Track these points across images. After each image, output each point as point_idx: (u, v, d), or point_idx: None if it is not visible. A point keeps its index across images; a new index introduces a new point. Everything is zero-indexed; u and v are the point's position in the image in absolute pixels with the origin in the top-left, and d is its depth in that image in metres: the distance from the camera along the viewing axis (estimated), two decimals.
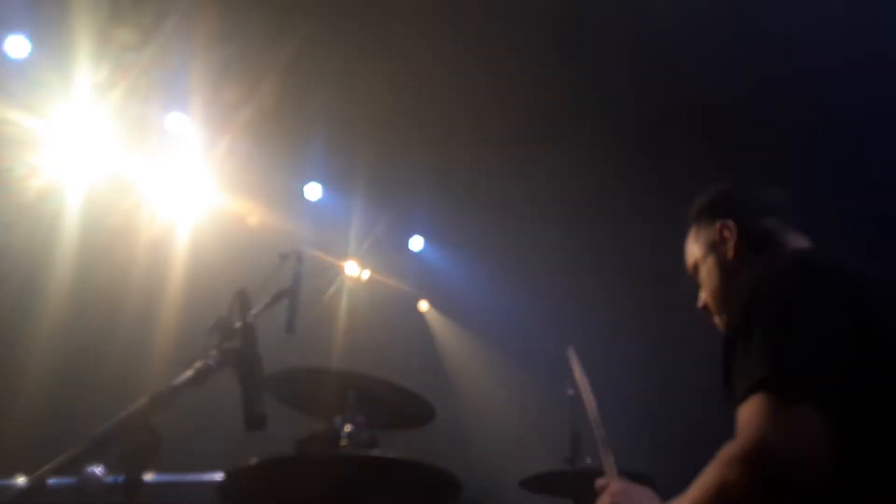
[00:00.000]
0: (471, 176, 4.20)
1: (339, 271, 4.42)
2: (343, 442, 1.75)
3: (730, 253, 1.38)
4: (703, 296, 1.46)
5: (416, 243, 4.73)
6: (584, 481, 2.34)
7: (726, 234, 1.39)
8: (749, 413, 1.00)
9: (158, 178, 3.58)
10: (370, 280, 4.54)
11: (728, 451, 1.00)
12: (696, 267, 1.47)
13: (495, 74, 3.62)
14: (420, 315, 4.93)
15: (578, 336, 4.54)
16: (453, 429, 3.75)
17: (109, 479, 1.93)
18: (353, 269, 4.46)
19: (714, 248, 1.41)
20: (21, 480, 2.04)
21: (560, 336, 4.28)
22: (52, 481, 0.98)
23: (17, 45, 2.99)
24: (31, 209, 3.18)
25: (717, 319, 1.44)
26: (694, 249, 1.48)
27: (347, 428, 1.75)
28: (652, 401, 4.13)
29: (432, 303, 4.95)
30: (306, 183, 4.16)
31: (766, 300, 1.09)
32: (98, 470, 1.94)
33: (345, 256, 4.43)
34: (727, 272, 1.38)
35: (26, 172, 3.15)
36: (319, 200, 4.21)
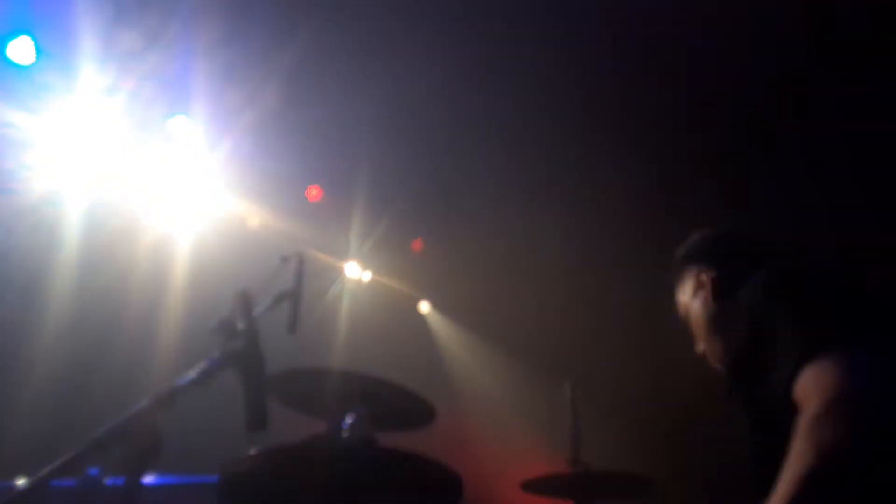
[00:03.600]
0: (471, 177, 4.21)
1: (340, 273, 4.43)
2: (345, 433, 1.75)
3: (708, 296, 1.47)
4: (700, 344, 1.52)
5: (417, 244, 4.74)
6: (585, 482, 2.35)
7: (703, 279, 1.48)
8: (813, 377, 1.04)
9: (162, 181, 3.59)
10: (371, 281, 4.55)
11: (809, 414, 1.02)
12: (686, 314, 1.55)
13: (496, 77, 3.63)
14: (421, 316, 4.94)
15: (579, 337, 4.55)
16: (454, 429, 3.75)
17: (110, 480, 1.94)
18: (355, 271, 4.47)
19: (696, 293, 1.50)
20: (22, 482, 2.04)
21: (561, 337, 4.30)
22: (53, 483, 0.98)
23: (22, 49, 3.00)
24: (35, 212, 3.19)
25: (711, 361, 1.50)
26: (682, 297, 1.56)
27: (349, 419, 1.75)
28: (652, 402, 4.12)
29: (433, 304, 4.95)
30: (307, 184, 4.17)
31: (783, 298, 1.19)
32: (99, 471, 1.94)
33: (346, 258, 4.43)
34: (710, 315, 1.46)
35: (29, 175, 3.16)
36: (321, 202, 4.22)
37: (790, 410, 1.06)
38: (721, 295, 1.43)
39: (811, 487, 0.98)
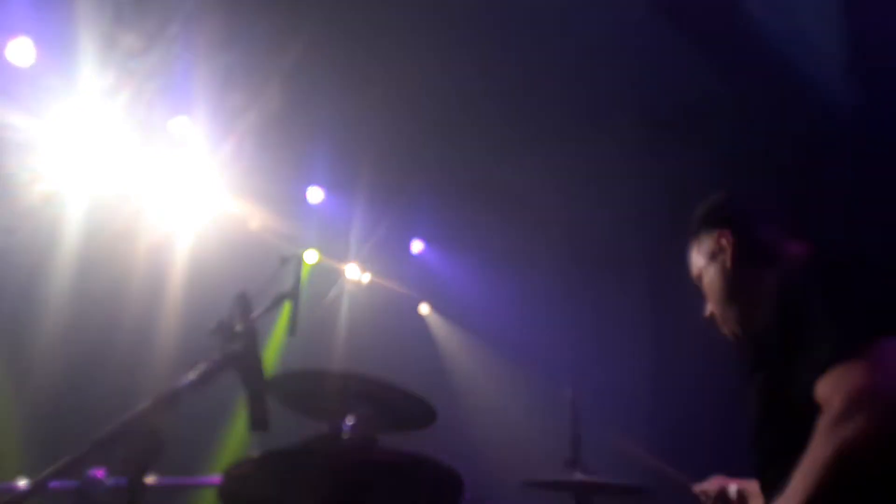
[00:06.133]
0: (471, 179, 4.21)
1: (340, 274, 4.43)
2: (345, 435, 1.74)
3: (728, 261, 1.42)
4: (710, 305, 1.48)
5: (417, 246, 4.75)
6: (585, 483, 2.35)
7: (724, 242, 1.43)
8: (837, 379, 1.04)
9: (162, 182, 3.59)
10: (371, 283, 4.55)
11: (830, 414, 1.02)
12: (699, 276, 1.49)
13: (497, 78, 3.63)
14: (421, 318, 4.94)
15: (581, 338, 4.54)
16: (454, 431, 3.75)
17: (111, 481, 1.94)
18: (355, 273, 4.47)
19: (714, 256, 1.45)
20: (23, 483, 2.04)
21: (561, 338, 4.30)
22: (54, 484, 0.98)
23: (22, 51, 3.00)
24: (35, 214, 3.19)
25: (722, 327, 1.46)
26: (697, 259, 1.51)
27: (350, 420, 1.75)
28: (653, 404, 4.12)
29: (433, 306, 4.95)
30: (308, 187, 4.17)
31: (817, 288, 1.16)
32: (100, 473, 1.94)
33: (346, 260, 4.44)
34: (728, 280, 1.42)
35: (30, 177, 3.16)
36: (321, 204, 4.23)
37: (811, 405, 1.06)
38: (741, 262, 1.39)
39: (829, 485, 0.99)
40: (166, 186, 3.60)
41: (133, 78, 3.13)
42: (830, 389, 1.04)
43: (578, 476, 2.32)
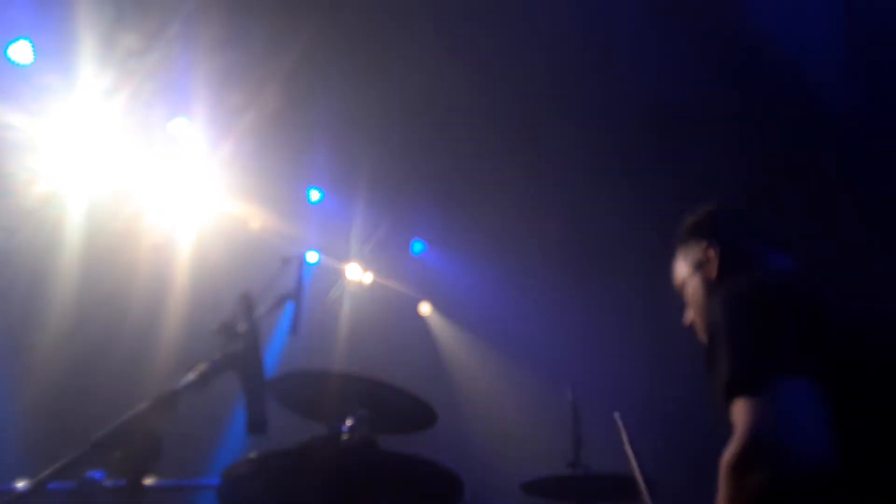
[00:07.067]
0: (472, 179, 4.21)
1: (341, 275, 4.43)
2: (345, 436, 1.74)
3: (712, 273, 1.43)
4: (690, 313, 1.50)
5: (418, 246, 4.75)
6: (586, 484, 2.35)
7: (710, 254, 1.45)
8: (735, 416, 1.08)
9: (162, 183, 3.59)
10: (372, 283, 4.55)
11: (724, 461, 1.06)
12: (683, 285, 1.50)
13: (496, 79, 3.63)
14: (422, 318, 4.94)
15: (581, 339, 4.53)
16: (455, 432, 3.74)
17: (110, 483, 1.93)
18: (356, 273, 4.47)
19: (699, 267, 1.47)
20: (22, 484, 2.03)
21: (562, 339, 4.29)
22: (52, 485, 0.98)
23: (22, 51, 3.00)
24: (35, 214, 3.19)
25: (701, 335, 1.47)
26: (681, 268, 1.53)
27: (349, 421, 1.74)
28: (656, 403, 4.12)
29: (434, 306, 4.95)
30: (309, 187, 4.17)
31: (724, 320, 1.20)
32: (99, 474, 1.93)
33: (347, 260, 4.43)
34: (710, 292, 1.42)
35: (30, 177, 3.15)
36: (322, 204, 4.22)
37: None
38: (724, 275, 1.40)
39: None
40: (167, 187, 3.60)
41: (133, 78, 3.12)
42: (736, 419, 1.07)
43: (579, 476, 2.31)
